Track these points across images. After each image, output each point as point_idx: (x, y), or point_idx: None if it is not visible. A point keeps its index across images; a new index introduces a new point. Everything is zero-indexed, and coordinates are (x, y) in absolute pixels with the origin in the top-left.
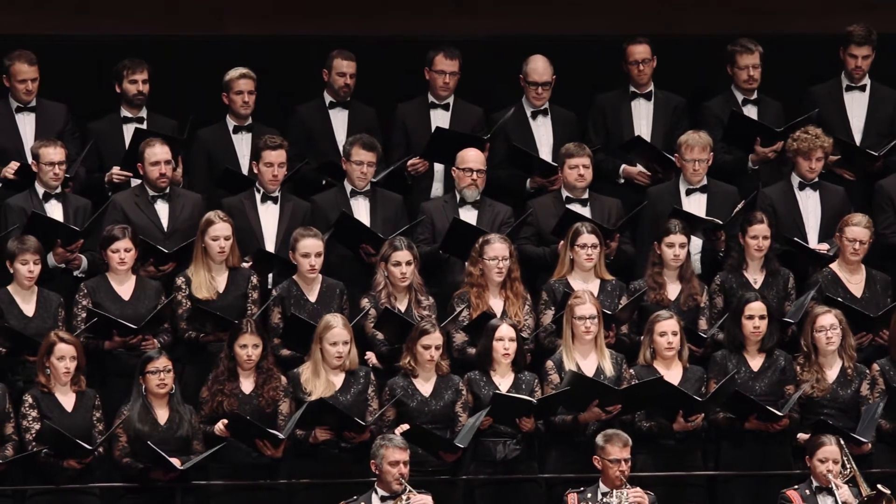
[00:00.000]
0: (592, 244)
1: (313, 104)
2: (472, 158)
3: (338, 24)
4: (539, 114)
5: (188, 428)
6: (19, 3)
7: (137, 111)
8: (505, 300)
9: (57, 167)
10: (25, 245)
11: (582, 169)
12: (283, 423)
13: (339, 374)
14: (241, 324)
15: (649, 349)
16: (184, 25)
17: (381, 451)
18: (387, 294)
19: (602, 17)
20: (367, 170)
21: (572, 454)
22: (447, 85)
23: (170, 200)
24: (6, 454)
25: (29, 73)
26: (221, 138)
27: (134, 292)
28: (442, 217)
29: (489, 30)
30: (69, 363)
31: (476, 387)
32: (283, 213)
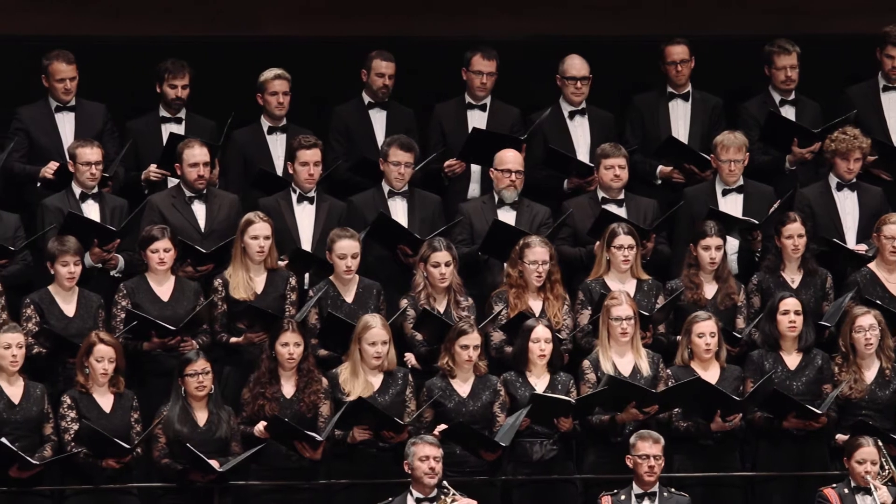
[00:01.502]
0: (629, 245)
1: (352, 104)
2: (511, 160)
3: (374, 25)
4: (576, 114)
5: (227, 429)
6: (59, 4)
7: (175, 112)
8: (544, 301)
9: (94, 167)
10: (65, 246)
11: (618, 169)
12: (323, 424)
13: (377, 375)
14: (282, 322)
15: (687, 350)
16: (220, 26)
17: (412, 449)
18: (426, 295)
19: (639, 17)
20: (404, 170)
21: (609, 455)
22: (484, 85)
23: (206, 201)
24: (45, 454)
25: (67, 71)
26: (256, 139)
27: (173, 293)
28: (480, 218)
29: (526, 30)
30: (107, 364)
31: (512, 387)
32: (319, 214)
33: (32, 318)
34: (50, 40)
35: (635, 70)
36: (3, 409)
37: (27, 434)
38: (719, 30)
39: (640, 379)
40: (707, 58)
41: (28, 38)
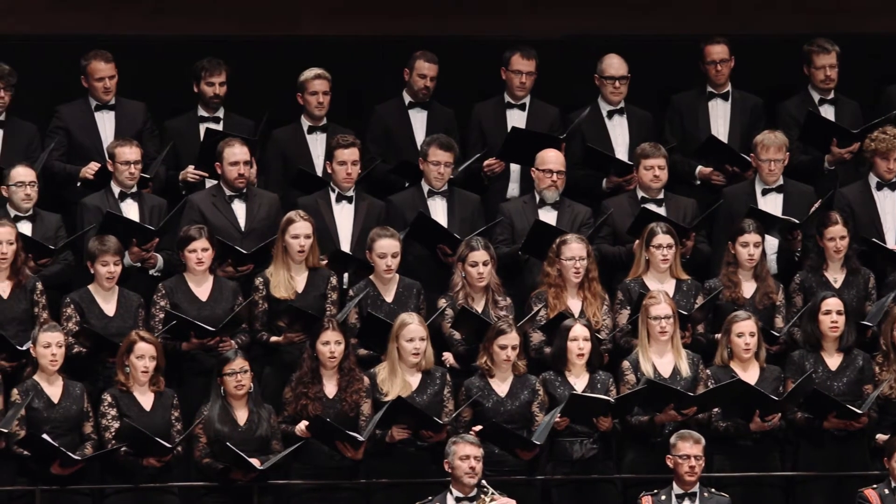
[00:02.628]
0: (668, 244)
1: (392, 104)
2: (552, 159)
3: (414, 24)
4: (615, 113)
5: (267, 428)
6: (98, 3)
7: (214, 111)
8: (583, 300)
9: (132, 166)
10: (105, 246)
11: (657, 170)
12: (364, 423)
13: (415, 375)
14: (322, 321)
15: (726, 349)
16: (259, 25)
17: (452, 448)
18: (464, 294)
19: (678, 16)
20: (444, 170)
21: (649, 455)
22: (524, 85)
23: (247, 200)
24: (85, 452)
25: (106, 70)
26: (296, 138)
27: (211, 293)
28: (521, 218)
29: (566, 30)
30: (148, 362)
31: (551, 387)
32: (358, 213)
33: (73, 317)
34: (89, 39)
35: (675, 69)
36: (44, 407)
37: (67, 432)
38: (759, 29)
39: (679, 380)
40: (747, 57)
41: (67, 38)
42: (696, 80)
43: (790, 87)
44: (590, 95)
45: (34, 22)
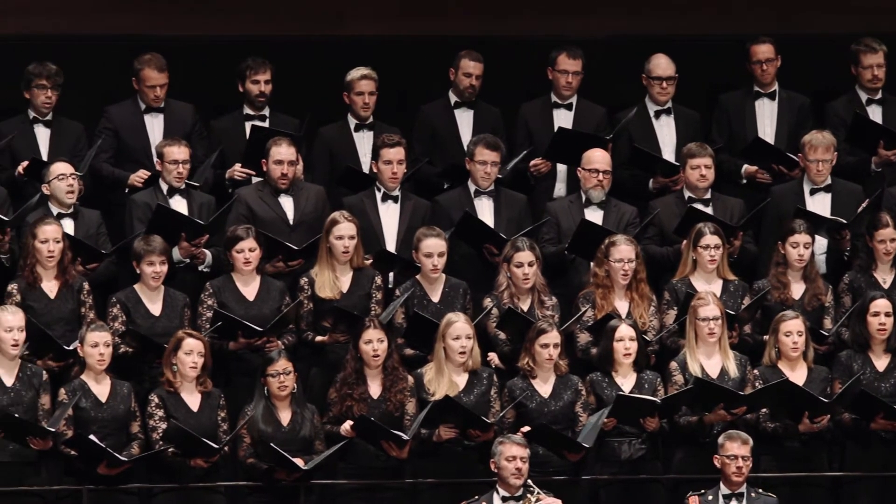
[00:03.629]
0: (715, 245)
1: (439, 103)
2: (599, 159)
3: (460, 24)
4: (662, 113)
5: (311, 428)
6: (146, 3)
7: (259, 110)
8: (630, 301)
9: (180, 166)
10: (151, 246)
11: (704, 169)
12: (408, 422)
13: (462, 375)
14: (363, 321)
15: (774, 349)
16: (306, 25)
17: (498, 448)
18: (509, 295)
19: (726, 16)
20: (490, 169)
21: (697, 455)
22: (570, 85)
23: (293, 194)
24: (132, 452)
25: (158, 79)
26: (343, 136)
27: (258, 293)
28: (567, 217)
29: (612, 29)
30: (197, 358)
31: (598, 388)
32: (404, 212)
33: (119, 317)
34: (135, 40)
35: (723, 68)
36: (91, 407)
37: (114, 432)
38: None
39: (727, 381)
40: (794, 56)
41: (114, 38)
42: (743, 80)
43: (838, 87)
44: (637, 95)
45: (81, 22)
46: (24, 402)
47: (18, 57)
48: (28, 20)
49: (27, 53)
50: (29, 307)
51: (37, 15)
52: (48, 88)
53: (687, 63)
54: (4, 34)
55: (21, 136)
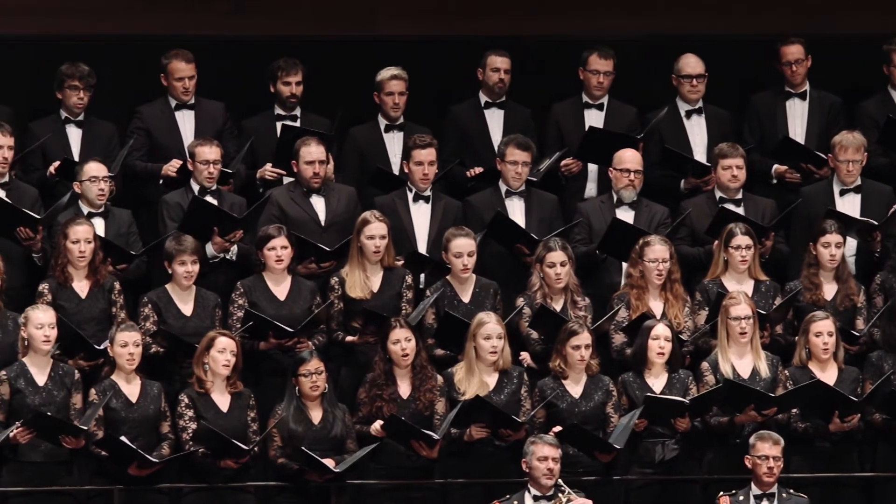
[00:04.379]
0: (746, 245)
1: (468, 104)
2: (630, 159)
3: (491, 24)
4: (693, 113)
5: (342, 428)
6: (177, 4)
7: (290, 111)
8: (664, 302)
9: (212, 166)
10: (183, 246)
11: (735, 170)
12: (438, 422)
13: (492, 374)
14: (390, 321)
15: (805, 350)
16: (336, 25)
17: (530, 448)
18: (542, 295)
19: (757, 15)
20: (521, 170)
21: (728, 455)
22: (601, 85)
23: (325, 194)
24: (163, 453)
25: (186, 70)
26: (373, 137)
27: (289, 292)
28: (598, 217)
29: (643, 29)
30: (229, 356)
31: (629, 388)
32: (435, 213)
33: (150, 316)
34: (167, 40)
35: (754, 68)
36: (122, 407)
37: (145, 432)
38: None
39: (759, 381)
40: (826, 56)
41: (146, 38)
42: (775, 80)
43: (870, 87)
44: (668, 95)
45: (113, 23)
46: (56, 402)
47: (51, 57)
48: (60, 21)
49: (60, 54)
50: (60, 307)
51: (69, 16)
52: (80, 89)
53: (718, 63)
54: (37, 35)
55: (53, 136)
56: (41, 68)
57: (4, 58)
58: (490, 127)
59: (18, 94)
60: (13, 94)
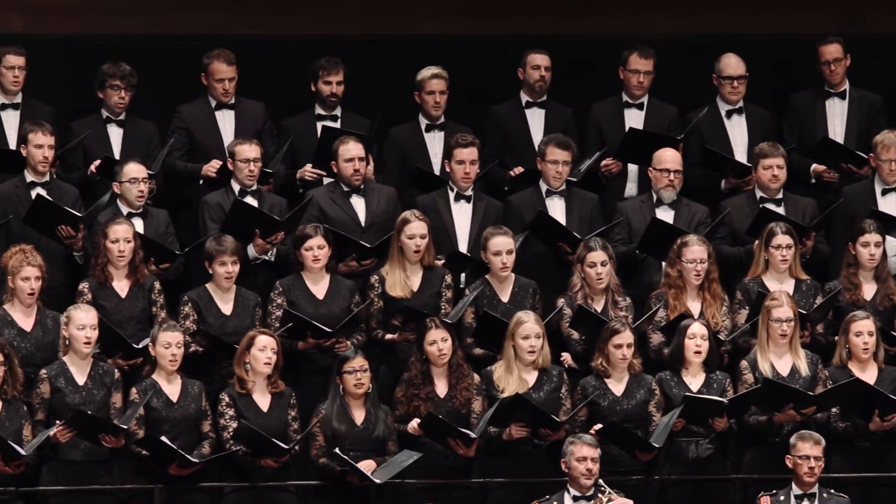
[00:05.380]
0: (787, 245)
1: (509, 104)
2: (670, 159)
3: (531, 24)
4: (734, 113)
5: (384, 429)
6: (218, 3)
7: (331, 110)
8: (703, 302)
9: (252, 164)
10: (223, 246)
11: (776, 170)
12: (475, 421)
13: (531, 372)
14: (425, 322)
15: (845, 349)
16: (377, 25)
17: (570, 448)
18: (583, 295)
19: (796, 15)
20: (562, 169)
21: (767, 455)
22: (641, 84)
23: (364, 195)
24: (203, 452)
25: (227, 72)
26: (414, 137)
27: (328, 292)
28: (638, 217)
29: (684, 29)
30: (270, 355)
31: (667, 387)
32: (476, 212)
33: (190, 315)
34: (209, 40)
35: (793, 68)
36: (162, 406)
37: (185, 431)
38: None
39: (798, 380)
40: (866, 55)
41: (188, 38)
42: (815, 79)
43: None
44: (708, 95)
45: (155, 22)
46: (96, 401)
47: (92, 57)
48: (102, 20)
49: (101, 53)
50: (100, 306)
51: (111, 15)
52: (122, 89)
53: (758, 63)
54: (79, 34)
55: (94, 135)
56: (83, 68)
57: (46, 57)
58: (531, 127)
59: (60, 93)
60: (55, 94)
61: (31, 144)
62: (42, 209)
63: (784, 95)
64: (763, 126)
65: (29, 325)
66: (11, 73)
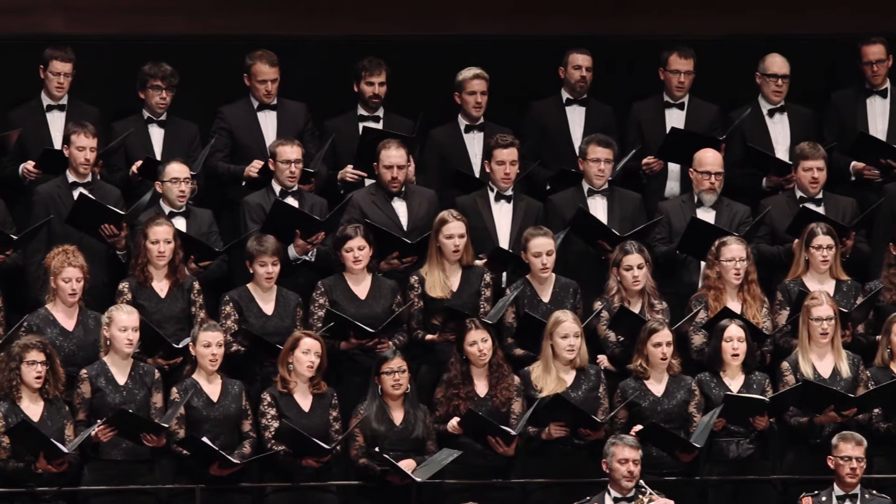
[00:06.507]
0: (828, 245)
1: (550, 100)
2: (711, 161)
3: (572, 23)
4: (776, 112)
5: (423, 429)
6: (261, 4)
7: (373, 111)
8: (742, 303)
9: (293, 165)
10: (264, 246)
11: (816, 171)
12: (515, 421)
13: (569, 372)
14: (465, 323)
15: (886, 350)
16: (418, 25)
17: (611, 450)
18: (620, 298)
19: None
20: (604, 167)
21: (809, 455)
22: (682, 84)
23: (406, 198)
24: (244, 451)
25: (269, 74)
26: (453, 138)
27: (370, 292)
28: (679, 217)
29: (724, 29)
30: (313, 357)
31: (707, 388)
32: (517, 213)
33: (231, 315)
34: (250, 40)
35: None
36: (203, 406)
37: (226, 431)
38: None
39: (839, 381)
40: None
41: (229, 38)
42: (855, 77)
43: None
44: (748, 94)
45: (196, 22)
46: (137, 401)
47: (134, 57)
48: (143, 20)
49: (143, 54)
50: (139, 306)
51: (153, 15)
52: (163, 89)
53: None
54: (120, 34)
55: (135, 136)
56: (124, 68)
57: (88, 58)
58: (571, 124)
59: (102, 94)
60: (97, 94)
61: (74, 146)
62: (85, 208)
63: (825, 95)
64: (805, 125)
65: (71, 324)
66: (57, 80)
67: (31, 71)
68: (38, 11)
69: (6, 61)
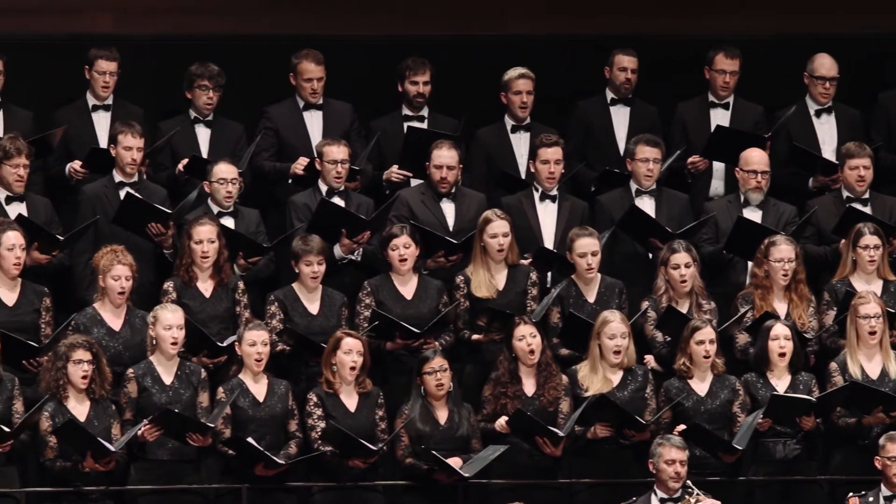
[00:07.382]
0: (875, 245)
1: (595, 100)
2: (757, 160)
3: (617, 23)
4: (823, 112)
5: (467, 427)
6: (306, 3)
7: (418, 111)
8: (789, 303)
9: (339, 165)
10: (309, 246)
11: (862, 170)
12: (562, 421)
13: (616, 372)
14: (514, 319)
15: None
16: (464, 25)
17: (658, 450)
18: (667, 298)
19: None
20: (652, 167)
21: (856, 456)
22: (727, 84)
23: (455, 199)
24: (290, 452)
25: (315, 72)
26: (500, 138)
27: (416, 292)
28: (726, 216)
29: (770, 29)
30: (356, 357)
31: (753, 388)
32: (562, 212)
33: (276, 314)
34: (296, 40)
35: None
36: (249, 406)
37: (272, 431)
38: None
39: (888, 382)
40: None
41: (275, 38)
42: None
43: None
44: (794, 94)
45: (242, 22)
46: (183, 400)
47: (180, 57)
48: (190, 20)
49: (189, 54)
50: (184, 305)
51: (199, 15)
52: (210, 89)
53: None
54: (167, 34)
55: (182, 136)
56: (171, 68)
57: (135, 58)
58: (615, 123)
59: (149, 94)
60: (143, 94)
61: (121, 146)
62: (132, 208)
63: (873, 95)
64: (852, 125)
65: (118, 324)
66: (102, 79)
67: (80, 72)
68: (86, 12)
69: (54, 62)
